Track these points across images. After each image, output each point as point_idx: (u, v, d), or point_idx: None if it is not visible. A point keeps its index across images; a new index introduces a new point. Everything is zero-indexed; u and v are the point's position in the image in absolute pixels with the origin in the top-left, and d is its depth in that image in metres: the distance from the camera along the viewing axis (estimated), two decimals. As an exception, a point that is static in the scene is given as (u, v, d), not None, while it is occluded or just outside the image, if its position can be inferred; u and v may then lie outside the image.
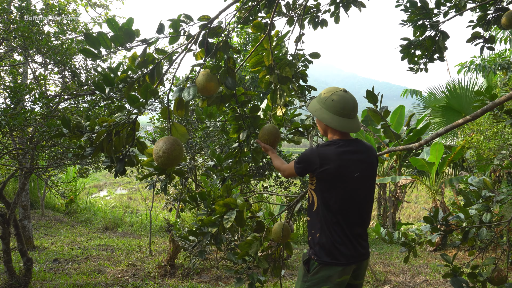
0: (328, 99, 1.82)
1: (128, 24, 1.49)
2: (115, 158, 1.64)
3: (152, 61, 1.63)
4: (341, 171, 1.76)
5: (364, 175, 1.83)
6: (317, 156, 1.78)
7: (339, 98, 1.81)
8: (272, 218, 2.30)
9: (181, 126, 1.72)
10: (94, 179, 17.10)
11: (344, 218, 1.78)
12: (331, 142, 1.83)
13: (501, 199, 2.33)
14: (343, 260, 1.77)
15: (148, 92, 1.51)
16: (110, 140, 1.57)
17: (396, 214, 8.58)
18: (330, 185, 1.78)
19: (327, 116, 1.82)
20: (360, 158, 1.82)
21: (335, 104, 1.80)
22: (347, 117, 1.82)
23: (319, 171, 1.77)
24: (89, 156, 1.56)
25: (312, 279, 1.80)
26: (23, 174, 4.54)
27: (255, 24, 2.16)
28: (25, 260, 3.88)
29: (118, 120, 1.57)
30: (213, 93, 1.75)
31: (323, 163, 1.76)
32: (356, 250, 1.80)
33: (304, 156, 1.85)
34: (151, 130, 7.13)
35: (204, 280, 4.68)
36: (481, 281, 2.29)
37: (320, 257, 1.79)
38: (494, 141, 5.94)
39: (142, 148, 1.77)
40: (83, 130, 1.61)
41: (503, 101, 2.09)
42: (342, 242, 1.77)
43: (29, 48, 4.02)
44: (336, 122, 1.81)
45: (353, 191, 1.79)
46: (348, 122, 1.82)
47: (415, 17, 2.81)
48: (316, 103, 1.89)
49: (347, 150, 1.80)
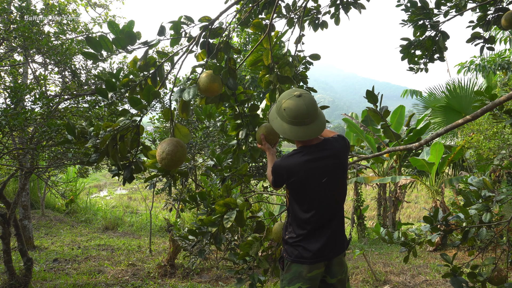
0: (281, 109, 1.76)
1: (129, 27, 1.49)
2: (122, 165, 1.64)
3: (154, 63, 1.63)
4: (307, 179, 1.76)
5: (331, 178, 1.80)
6: (282, 168, 1.79)
7: (291, 106, 1.72)
8: (272, 218, 2.30)
9: (184, 127, 1.73)
10: (94, 179, 17.11)
11: (313, 217, 1.80)
12: (295, 151, 1.82)
13: (501, 199, 2.34)
14: (308, 257, 1.79)
15: (150, 94, 1.51)
16: (115, 145, 1.57)
17: (396, 214, 8.58)
18: (299, 192, 1.80)
19: (282, 127, 1.77)
20: (325, 162, 1.79)
21: (288, 113, 1.72)
22: (302, 124, 1.73)
23: (288, 183, 1.80)
24: (94, 162, 1.56)
25: (286, 277, 1.84)
26: (23, 174, 4.54)
27: (255, 24, 2.16)
28: (25, 260, 3.88)
29: (122, 124, 1.57)
30: (216, 94, 1.76)
31: (289, 175, 1.77)
32: (324, 247, 1.80)
33: (273, 169, 1.84)
34: (151, 130, 7.13)
35: (204, 280, 4.68)
36: (481, 281, 2.29)
37: (290, 255, 1.85)
38: (494, 141, 5.94)
39: (147, 152, 1.77)
40: (87, 136, 1.62)
41: (503, 101, 2.10)
42: (308, 240, 1.81)
43: (29, 48, 4.02)
44: (290, 132, 1.74)
45: (322, 192, 1.80)
46: (303, 129, 1.73)
47: (415, 17, 2.82)
48: (273, 111, 1.84)
49: (311, 158, 1.77)
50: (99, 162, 1.58)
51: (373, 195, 12.94)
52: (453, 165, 9.31)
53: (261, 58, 2.17)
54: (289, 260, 1.85)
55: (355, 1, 2.85)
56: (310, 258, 1.80)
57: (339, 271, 1.89)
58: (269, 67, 2.17)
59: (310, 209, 1.80)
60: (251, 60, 2.19)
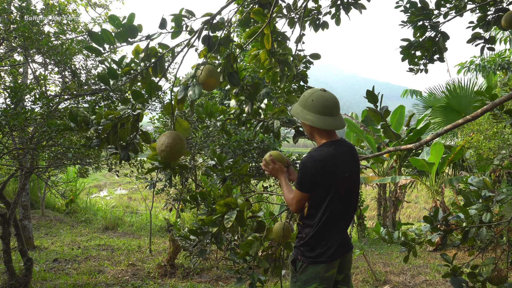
0: (308, 100, 1.82)
1: (130, 20, 1.50)
2: (120, 146, 1.66)
3: (155, 54, 1.66)
4: (336, 172, 1.79)
5: (351, 174, 1.86)
6: (316, 161, 1.78)
7: (318, 97, 1.81)
8: (273, 218, 2.30)
9: (184, 121, 1.75)
10: (94, 179, 17.10)
11: (332, 216, 1.81)
12: (323, 145, 1.84)
13: (501, 199, 2.34)
14: (327, 256, 1.80)
15: (152, 87, 1.53)
16: (116, 132, 1.61)
17: (396, 214, 8.58)
18: (322, 187, 1.79)
19: (310, 117, 1.81)
20: (347, 158, 1.85)
21: (315, 104, 1.80)
22: (330, 115, 1.80)
23: (320, 175, 1.77)
24: (96, 146, 1.60)
25: (301, 278, 1.83)
26: (23, 174, 4.54)
27: (255, 11, 2.14)
28: (25, 260, 3.88)
29: (122, 113, 1.60)
30: (213, 89, 1.79)
31: (324, 165, 1.77)
32: (340, 245, 1.84)
33: (301, 171, 1.81)
34: (151, 130, 7.13)
35: (204, 280, 4.68)
36: (481, 281, 2.29)
37: (306, 256, 1.83)
38: (494, 141, 5.94)
39: (146, 138, 1.79)
40: (89, 124, 1.64)
41: (503, 101, 2.10)
42: (327, 239, 1.81)
43: (29, 48, 4.02)
44: (319, 121, 1.80)
45: (342, 190, 1.82)
46: (331, 120, 1.81)
47: (415, 18, 2.82)
48: (298, 106, 1.90)
49: (338, 152, 1.82)
50: (100, 147, 1.62)
51: (373, 195, 12.94)
52: (453, 165, 9.31)
53: (258, 30, 2.14)
54: (306, 261, 1.82)
55: (355, 1, 2.85)
56: (329, 257, 1.80)
57: (347, 267, 1.94)
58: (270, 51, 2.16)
59: (330, 205, 1.79)
60: (248, 33, 2.15)
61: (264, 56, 2.20)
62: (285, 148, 21.29)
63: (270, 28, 2.08)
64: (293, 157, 7.30)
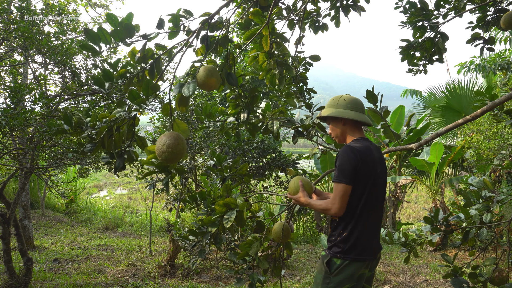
0: (340, 100, 1.96)
1: (128, 19, 1.49)
2: (116, 154, 1.64)
3: (152, 56, 1.63)
4: (371, 166, 1.82)
5: (382, 171, 1.92)
6: (356, 152, 1.79)
7: (348, 98, 1.97)
8: (272, 218, 2.30)
9: (183, 123, 1.74)
10: (94, 179, 17.09)
11: (368, 215, 1.82)
12: (357, 140, 1.90)
13: (501, 199, 2.34)
14: (366, 255, 1.81)
15: (149, 88, 1.51)
16: (111, 136, 1.58)
17: (396, 214, 8.57)
18: (359, 182, 1.79)
19: (344, 111, 1.92)
20: (378, 155, 1.92)
21: (349, 102, 1.94)
22: (361, 111, 1.95)
23: (359, 167, 1.77)
24: (89, 152, 1.56)
25: (335, 279, 1.79)
26: (23, 174, 4.54)
27: (254, 13, 2.14)
28: (25, 260, 3.88)
29: (118, 116, 1.57)
30: (213, 89, 1.78)
31: (362, 157, 1.79)
32: (375, 245, 1.88)
33: (342, 161, 1.77)
34: (151, 130, 7.13)
35: (204, 280, 4.68)
36: (481, 281, 2.29)
37: (345, 254, 1.80)
38: (494, 141, 5.94)
39: (142, 144, 1.77)
40: (84, 127, 1.62)
41: (503, 101, 2.10)
42: (365, 238, 1.82)
43: (29, 48, 4.02)
44: (356, 115, 1.91)
45: (375, 187, 1.84)
46: (363, 115, 1.94)
47: (414, 18, 2.82)
48: (329, 108, 1.99)
49: (372, 147, 1.91)
50: (94, 152, 1.59)
51: (373, 195, 12.91)
52: (453, 165, 9.31)
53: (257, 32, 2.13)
54: (348, 258, 1.78)
55: (354, 3, 2.85)
56: (369, 255, 1.82)
57: (375, 265, 1.97)
58: (268, 53, 2.17)
59: (367, 201, 1.81)
60: (247, 34, 2.16)
61: (263, 58, 2.20)
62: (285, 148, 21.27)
63: (269, 30, 2.08)
64: (293, 157, 7.30)
